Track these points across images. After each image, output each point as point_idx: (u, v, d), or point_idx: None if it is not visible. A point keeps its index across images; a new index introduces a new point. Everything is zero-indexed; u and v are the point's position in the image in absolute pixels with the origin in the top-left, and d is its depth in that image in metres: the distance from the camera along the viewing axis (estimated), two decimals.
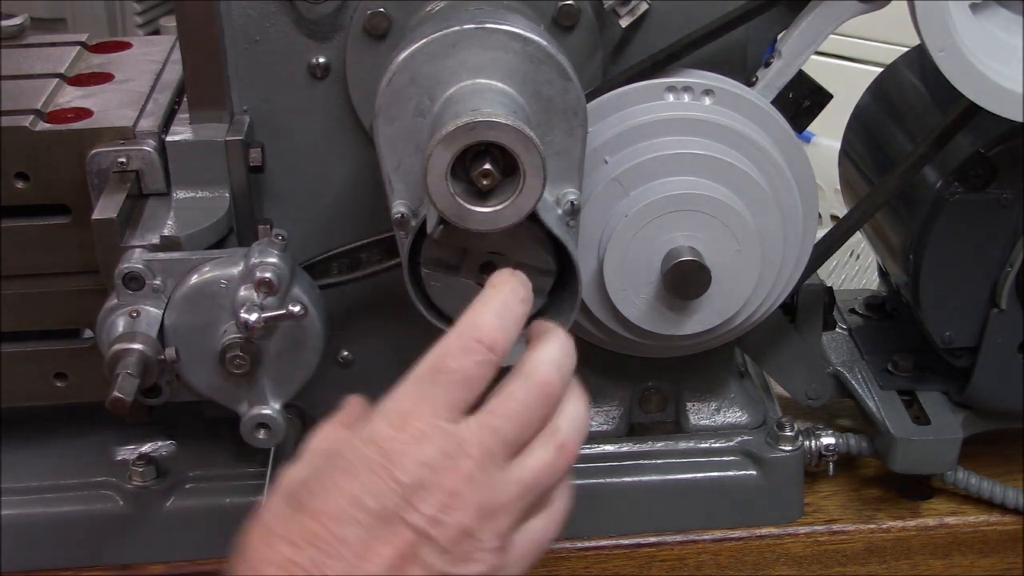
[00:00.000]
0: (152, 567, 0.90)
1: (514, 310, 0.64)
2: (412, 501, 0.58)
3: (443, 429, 0.59)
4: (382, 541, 0.57)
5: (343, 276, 0.86)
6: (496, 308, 0.63)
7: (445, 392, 0.60)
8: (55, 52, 0.97)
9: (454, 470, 0.59)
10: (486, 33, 0.72)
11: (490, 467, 0.60)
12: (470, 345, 0.61)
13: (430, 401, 0.60)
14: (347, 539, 0.57)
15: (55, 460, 0.93)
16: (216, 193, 0.83)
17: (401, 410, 0.60)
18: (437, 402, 0.60)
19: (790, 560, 0.94)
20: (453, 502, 0.58)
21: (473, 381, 0.61)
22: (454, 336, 0.62)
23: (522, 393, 0.62)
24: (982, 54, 0.79)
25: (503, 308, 0.63)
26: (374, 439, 0.59)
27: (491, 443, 0.60)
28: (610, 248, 0.82)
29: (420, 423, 0.59)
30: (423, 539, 0.58)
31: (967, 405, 0.95)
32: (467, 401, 0.61)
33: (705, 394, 0.96)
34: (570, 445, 0.63)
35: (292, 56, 0.84)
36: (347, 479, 0.58)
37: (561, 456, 0.63)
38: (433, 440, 0.59)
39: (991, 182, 0.88)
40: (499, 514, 0.60)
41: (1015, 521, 0.95)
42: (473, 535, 0.59)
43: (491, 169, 0.70)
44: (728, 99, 0.84)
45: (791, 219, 0.85)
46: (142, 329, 0.78)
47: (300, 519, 0.58)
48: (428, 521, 0.58)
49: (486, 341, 0.61)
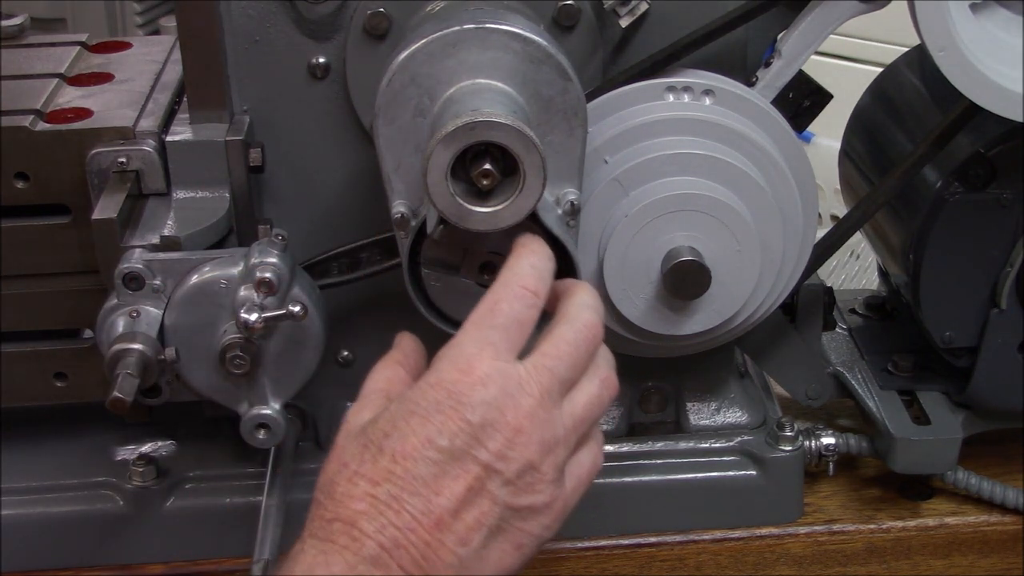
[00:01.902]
0: (152, 567, 0.90)
1: (546, 264, 0.70)
2: (480, 438, 0.63)
3: (504, 370, 0.64)
4: (453, 477, 0.62)
5: (343, 276, 0.86)
6: (532, 261, 0.69)
7: (502, 335, 0.65)
8: (55, 52, 0.97)
9: (516, 408, 0.64)
10: (486, 33, 0.72)
11: (548, 404, 0.65)
12: (518, 292, 0.67)
13: (490, 344, 0.65)
14: (423, 476, 0.62)
15: (55, 460, 0.93)
16: (216, 193, 0.83)
17: (465, 354, 0.65)
18: (497, 345, 0.65)
19: (790, 560, 0.94)
20: (517, 438, 0.63)
21: (524, 324, 0.67)
22: (502, 285, 0.67)
23: (572, 334, 0.68)
24: (982, 54, 0.79)
25: (538, 261, 0.69)
26: (442, 383, 0.64)
27: (548, 382, 0.65)
28: (610, 248, 0.82)
29: (483, 365, 0.64)
30: (491, 473, 0.63)
31: (967, 405, 0.95)
32: (521, 343, 0.66)
33: (705, 394, 0.96)
34: (612, 379, 0.70)
35: (292, 56, 0.84)
36: (419, 421, 0.63)
37: (606, 389, 0.69)
38: (496, 381, 0.64)
39: (991, 182, 0.88)
40: (557, 447, 0.65)
41: (1015, 521, 0.95)
42: (535, 467, 0.64)
43: (491, 169, 0.70)
44: (728, 99, 0.84)
45: (791, 219, 0.85)
46: (142, 329, 0.78)
47: (377, 458, 0.63)
48: (495, 456, 0.63)
49: (531, 288, 0.67)
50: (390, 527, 0.61)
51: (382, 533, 0.61)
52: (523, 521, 0.64)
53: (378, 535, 0.61)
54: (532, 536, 0.65)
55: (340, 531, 0.61)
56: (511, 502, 0.63)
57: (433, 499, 0.62)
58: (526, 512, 0.64)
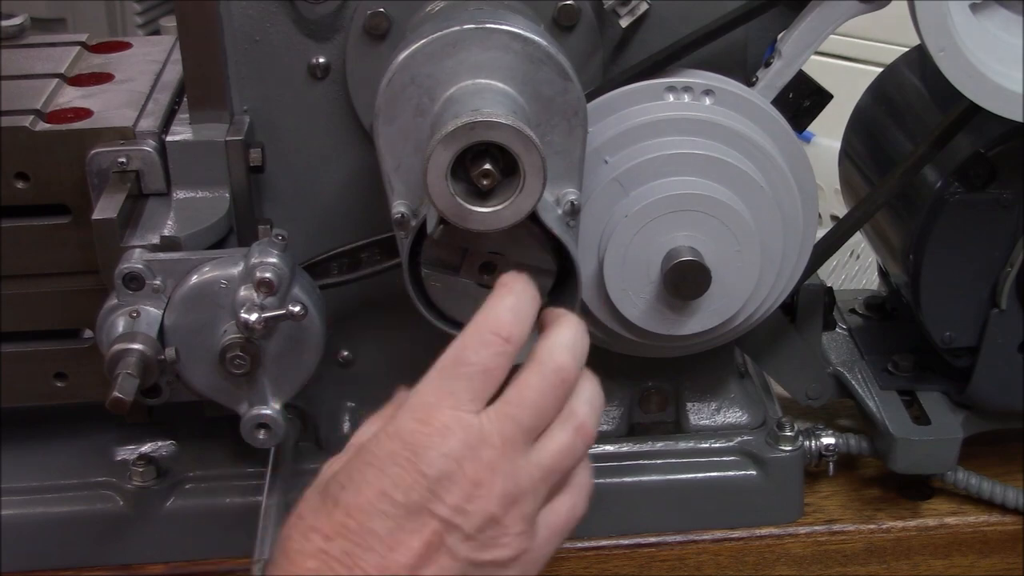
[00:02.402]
0: (152, 567, 0.90)
1: (527, 305, 0.66)
2: (437, 492, 0.60)
3: (465, 421, 0.61)
4: (409, 532, 0.60)
5: (343, 276, 0.86)
6: (510, 304, 0.65)
7: (466, 384, 0.62)
8: (55, 52, 0.97)
9: (476, 460, 0.61)
10: (486, 33, 0.72)
11: (512, 454, 0.62)
12: (488, 338, 0.63)
13: (452, 394, 0.62)
14: (376, 531, 0.59)
15: (55, 460, 0.93)
16: (216, 193, 0.83)
17: (425, 403, 0.62)
18: (459, 394, 0.62)
19: (790, 560, 0.94)
20: (477, 491, 0.61)
21: (492, 373, 0.63)
22: (472, 331, 0.64)
23: (536, 380, 0.64)
24: (982, 54, 0.79)
25: (516, 303, 0.65)
26: (399, 433, 0.61)
27: (511, 431, 0.62)
28: (610, 248, 0.82)
29: (443, 416, 0.61)
30: (450, 528, 0.60)
31: (967, 405, 0.95)
32: (487, 392, 0.63)
33: (705, 394, 0.96)
34: (587, 426, 0.66)
35: (292, 56, 0.84)
36: (375, 473, 0.61)
37: (579, 437, 0.65)
38: (455, 432, 0.61)
39: (991, 182, 0.88)
40: (523, 499, 0.62)
41: (1015, 521, 0.95)
42: (498, 521, 0.61)
43: (491, 169, 0.70)
44: (728, 99, 0.84)
45: (791, 219, 0.85)
46: (142, 329, 0.78)
47: (332, 512, 0.60)
48: (453, 511, 0.60)
49: (503, 334, 0.64)
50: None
51: None
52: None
53: None
54: None
55: None
56: (473, 557, 0.61)
57: (388, 555, 0.59)
58: (490, 567, 0.61)
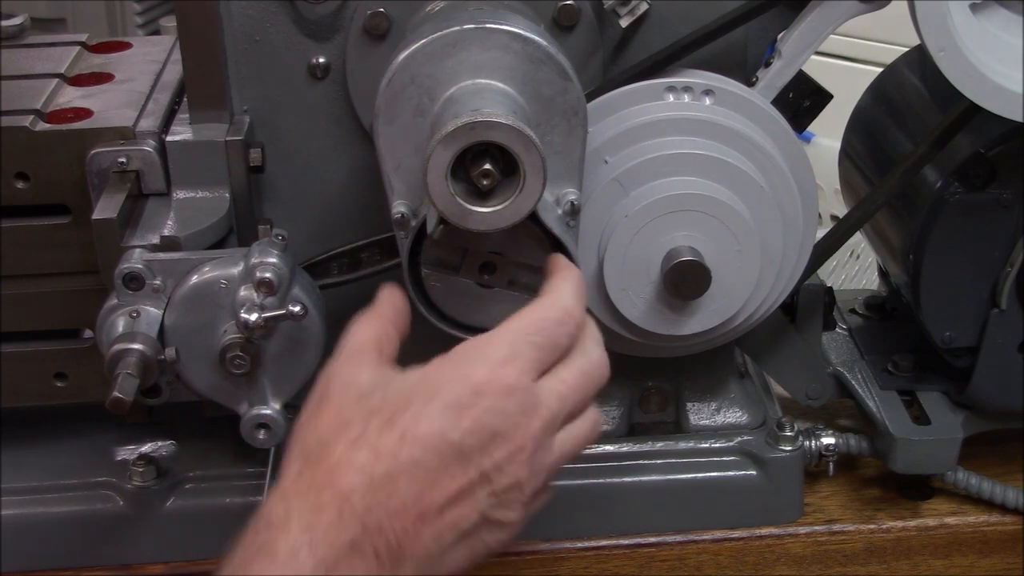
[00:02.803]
0: (152, 567, 0.90)
1: (584, 292, 0.71)
2: (488, 446, 0.63)
3: (527, 387, 0.65)
4: (451, 475, 0.62)
5: (343, 276, 0.86)
6: (574, 288, 0.70)
7: (536, 352, 0.66)
8: (55, 52, 0.97)
9: (527, 427, 0.64)
10: (486, 33, 0.72)
11: (550, 430, 0.66)
12: (564, 318, 0.68)
13: (524, 356, 0.65)
14: (424, 465, 0.62)
15: (55, 460, 0.93)
16: (216, 193, 0.83)
17: (498, 357, 0.65)
18: (529, 359, 0.65)
19: (790, 560, 0.94)
20: (518, 455, 0.64)
21: (558, 349, 0.67)
22: (549, 305, 0.68)
23: (589, 367, 0.68)
24: (982, 54, 0.79)
25: (579, 288, 0.70)
26: (470, 378, 0.64)
27: (557, 409, 0.66)
28: (610, 248, 0.82)
29: (512, 375, 0.64)
30: (484, 481, 0.63)
31: (967, 405, 0.95)
32: (549, 365, 0.67)
33: (705, 394, 0.96)
34: (599, 421, 0.71)
35: (292, 56, 0.84)
36: (438, 410, 0.63)
37: (593, 432, 0.70)
38: (518, 395, 0.64)
39: (991, 182, 0.88)
40: (541, 473, 0.66)
41: (1015, 521, 0.95)
42: (520, 487, 0.65)
43: (491, 169, 0.70)
44: (728, 99, 0.84)
45: (791, 219, 0.85)
46: (142, 329, 0.78)
47: (385, 431, 0.62)
48: (494, 467, 0.63)
49: (575, 317, 0.68)
50: (379, 509, 0.61)
51: (369, 514, 0.60)
52: (488, 532, 0.64)
53: (365, 515, 0.60)
54: (487, 547, 0.65)
55: (329, 503, 0.61)
56: (489, 513, 0.64)
57: (426, 491, 0.62)
58: (495, 525, 0.64)
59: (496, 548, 0.65)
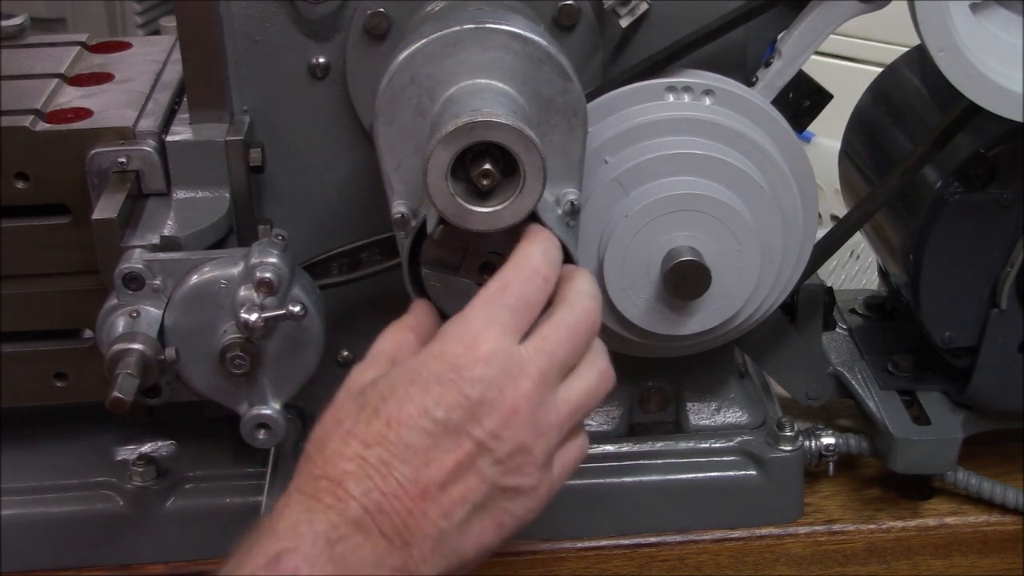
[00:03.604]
0: (152, 567, 0.90)
1: (556, 252, 0.70)
2: (476, 415, 0.63)
3: (507, 349, 0.65)
4: (444, 449, 0.63)
5: (343, 276, 0.86)
6: (544, 247, 0.69)
7: (511, 315, 0.66)
8: (55, 52, 0.97)
9: (515, 389, 0.64)
10: (486, 33, 0.72)
11: (545, 388, 0.65)
12: (530, 275, 0.68)
13: (497, 323, 0.65)
14: (414, 445, 0.62)
15: (55, 460, 0.93)
16: (216, 193, 0.83)
17: (471, 329, 0.65)
18: (505, 324, 0.65)
19: (790, 560, 0.94)
20: (512, 419, 0.64)
21: (532, 307, 0.67)
22: (513, 267, 0.68)
23: (572, 319, 0.68)
24: (982, 54, 0.79)
25: (549, 248, 0.70)
26: (445, 354, 0.64)
27: (547, 365, 0.66)
28: (610, 248, 0.82)
29: (488, 342, 0.64)
30: (482, 450, 0.63)
31: (967, 405, 0.95)
32: (526, 325, 0.67)
33: (705, 394, 0.96)
34: (609, 372, 0.70)
35: (292, 56, 0.84)
36: (418, 390, 0.63)
37: (603, 382, 0.69)
38: (498, 360, 0.64)
39: (991, 182, 0.88)
40: (550, 432, 0.66)
41: (1015, 521, 0.95)
42: (527, 450, 0.64)
43: (491, 169, 0.70)
44: (728, 99, 0.84)
45: (791, 219, 0.85)
46: (142, 329, 0.78)
47: (371, 420, 0.63)
48: (489, 435, 0.63)
49: (542, 272, 0.68)
50: (375, 491, 0.61)
51: (367, 496, 0.61)
52: (508, 501, 0.65)
53: (363, 498, 0.61)
54: (515, 517, 0.65)
55: (326, 489, 0.62)
56: (499, 481, 0.64)
57: (422, 469, 0.62)
58: (512, 493, 0.65)
59: (527, 517, 0.66)
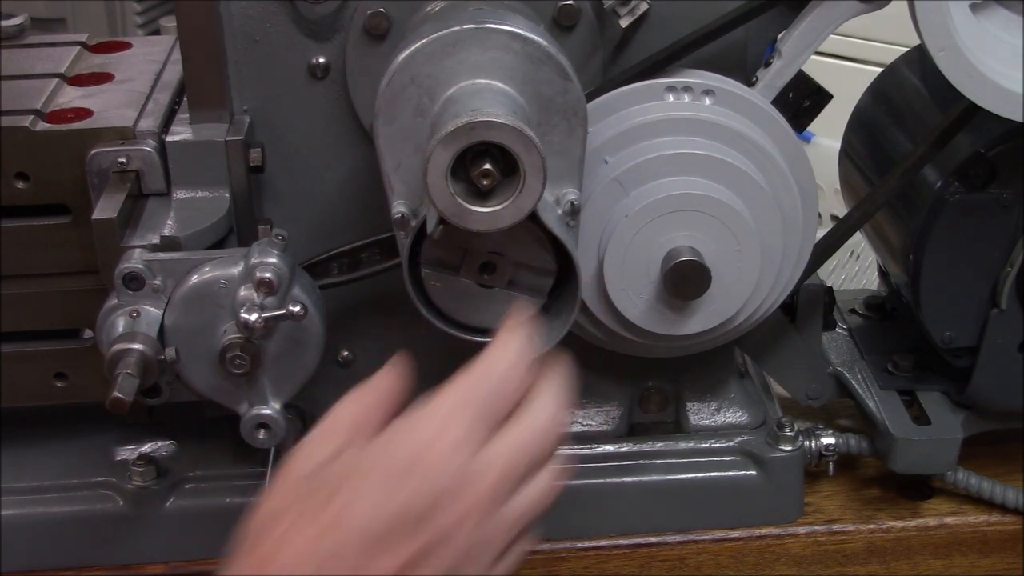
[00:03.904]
0: (152, 567, 0.90)
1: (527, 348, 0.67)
2: (429, 516, 0.61)
3: (462, 463, 0.62)
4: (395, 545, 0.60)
5: (343, 276, 0.86)
6: (513, 350, 0.66)
7: (482, 411, 0.63)
8: (55, 52, 0.97)
9: (467, 497, 0.62)
10: (486, 33, 0.72)
11: (497, 499, 0.63)
12: (499, 387, 0.65)
13: (457, 430, 0.62)
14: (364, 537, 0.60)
15: (55, 460, 0.93)
16: (216, 193, 0.83)
17: (439, 419, 0.63)
18: (475, 419, 0.63)
19: (790, 560, 0.94)
20: (466, 520, 0.61)
21: (496, 416, 0.64)
22: (492, 360, 0.65)
23: (531, 432, 0.65)
24: (982, 54, 0.79)
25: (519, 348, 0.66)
26: (409, 443, 0.62)
27: (500, 475, 0.63)
28: (610, 248, 0.82)
29: (455, 434, 0.62)
30: (434, 548, 0.61)
31: (967, 405, 0.95)
32: (496, 423, 0.64)
33: (705, 394, 0.96)
34: (554, 489, 0.67)
35: (292, 56, 0.84)
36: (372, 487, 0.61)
37: (548, 495, 0.66)
38: (461, 456, 0.62)
39: (991, 182, 0.88)
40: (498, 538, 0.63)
41: (1015, 521, 0.95)
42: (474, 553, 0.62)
43: (491, 169, 0.70)
44: (728, 99, 0.84)
45: (791, 219, 0.85)
46: (142, 329, 0.78)
47: (321, 514, 0.60)
48: (442, 533, 0.61)
49: (512, 382, 0.65)
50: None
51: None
52: None
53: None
54: None
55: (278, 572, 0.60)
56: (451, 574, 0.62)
57: (366, 565, 0.60)
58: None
59: None
